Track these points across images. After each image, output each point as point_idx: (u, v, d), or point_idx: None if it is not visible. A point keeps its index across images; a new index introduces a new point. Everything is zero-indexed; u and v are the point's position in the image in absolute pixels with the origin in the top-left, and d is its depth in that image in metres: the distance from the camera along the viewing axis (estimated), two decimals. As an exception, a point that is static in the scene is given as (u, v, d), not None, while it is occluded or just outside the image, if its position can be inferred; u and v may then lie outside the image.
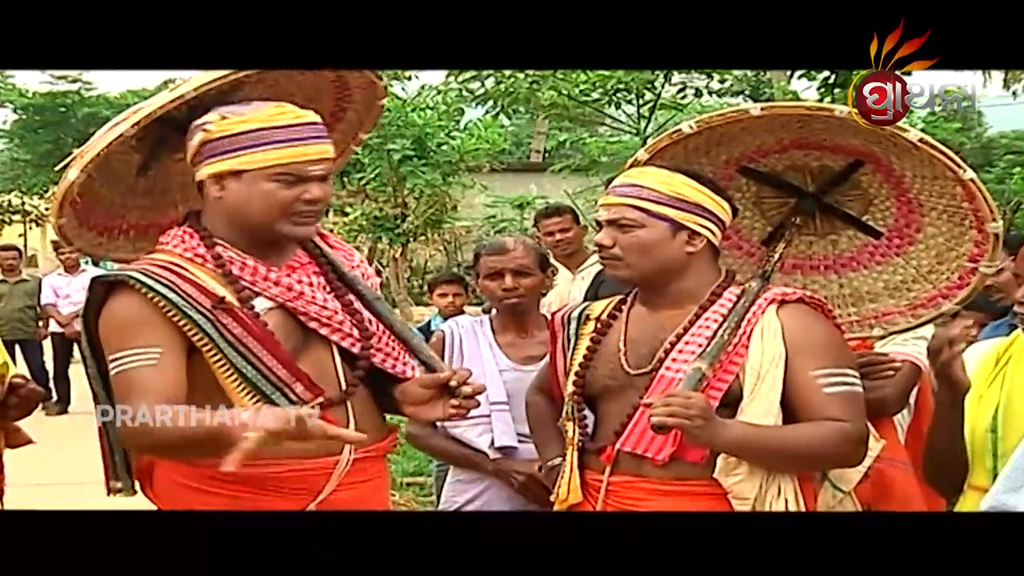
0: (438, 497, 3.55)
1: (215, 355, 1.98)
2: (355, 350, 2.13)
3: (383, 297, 2.24)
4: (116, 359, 1.99)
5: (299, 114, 2.07)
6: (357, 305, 2.17)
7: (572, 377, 2.34)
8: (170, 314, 1.97)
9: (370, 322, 2.17)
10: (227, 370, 1.99)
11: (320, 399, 2.03)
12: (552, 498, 2.37)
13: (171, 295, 1.97)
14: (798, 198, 2.51)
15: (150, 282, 1.98)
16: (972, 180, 2.26)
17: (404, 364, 2.20)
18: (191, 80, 2.05)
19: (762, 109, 2.30)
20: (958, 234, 2.42)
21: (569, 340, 2.40)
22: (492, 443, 2.88)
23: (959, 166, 2.25)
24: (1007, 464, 1.74)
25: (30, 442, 2.44)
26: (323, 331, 2.09)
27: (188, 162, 2.11)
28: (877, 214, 2.52)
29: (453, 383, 2.11)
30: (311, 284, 2.12)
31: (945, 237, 2.45)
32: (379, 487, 2.19)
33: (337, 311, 2.12)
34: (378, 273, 7.49)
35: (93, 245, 2.30)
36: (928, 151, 2.23)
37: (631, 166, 2.41)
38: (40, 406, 9.29)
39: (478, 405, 2.16)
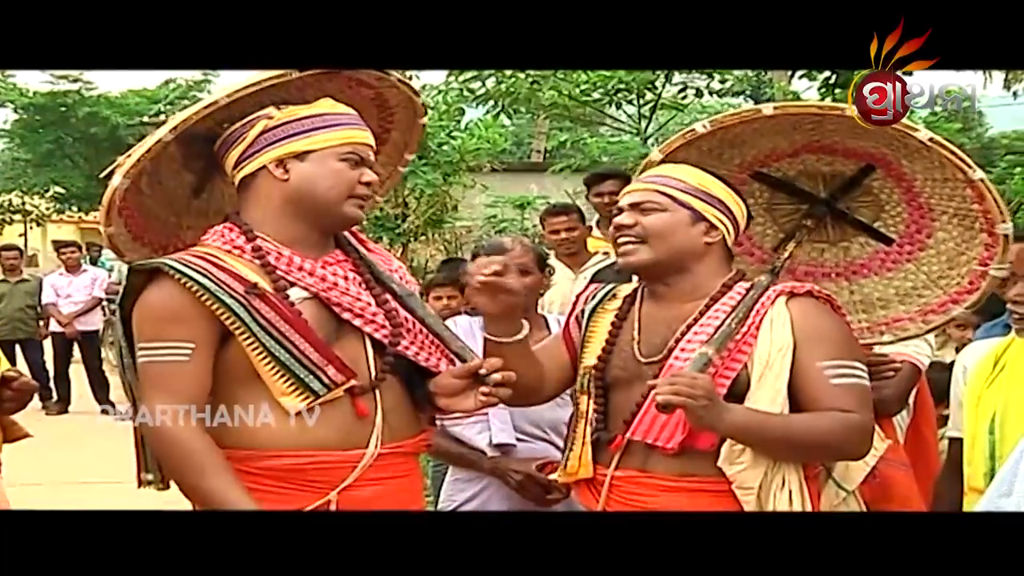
0: (436, 496, 3.54)
1: (249, 340, 2.03)
2: (386, 340, 2.16)
3: (415, 293, 2.27)
4: (146, 349, 2.05)
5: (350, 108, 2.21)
6: (391, 302, 2.21)
7: (598, 352, 2.33)
8: (205, 300, 2.02)
9: (405, 318, 2.21)
10: (261, 355, 2.03)
11: (352, 382, 2.07)
12: (559, 472, 2.37)
13: (205, 281, 2.02)
14: (810, 204, 2.51)
15: (185, 269, 2.03)
16: (982, 180, 2.25)
17: (437, 358, 2.23)
18: (235, 84, 2.09)
19: (775, 108, 2.31)
20: (968, 238, 2.40)
21: (587, 312, 2.41)
22: (490, 441, 2.89)
23: (969, 166, 2.23)
24: (1000, 469, 1.74)
25: (27, 435, 2.44)
26: (356, 322, 2.13)
27: (238, 158, 2.15)
28: (888, 220, 2.51)
29: (483, 371, 2.15)
30: (345, 278, 2.16)
31: (956, 241, 2.43)
32: (407, 486, 2.19)
33: (370, 303, 2.16)
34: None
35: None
36: (938, 151, 2.22)
37: (644, 168, 2.44)
38: (41, 405, 9.27)
39: (509, 393, 2.17)
